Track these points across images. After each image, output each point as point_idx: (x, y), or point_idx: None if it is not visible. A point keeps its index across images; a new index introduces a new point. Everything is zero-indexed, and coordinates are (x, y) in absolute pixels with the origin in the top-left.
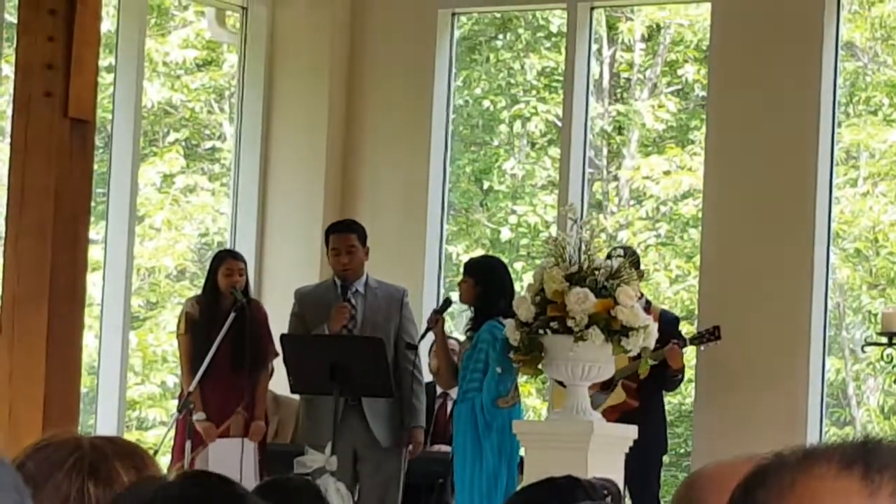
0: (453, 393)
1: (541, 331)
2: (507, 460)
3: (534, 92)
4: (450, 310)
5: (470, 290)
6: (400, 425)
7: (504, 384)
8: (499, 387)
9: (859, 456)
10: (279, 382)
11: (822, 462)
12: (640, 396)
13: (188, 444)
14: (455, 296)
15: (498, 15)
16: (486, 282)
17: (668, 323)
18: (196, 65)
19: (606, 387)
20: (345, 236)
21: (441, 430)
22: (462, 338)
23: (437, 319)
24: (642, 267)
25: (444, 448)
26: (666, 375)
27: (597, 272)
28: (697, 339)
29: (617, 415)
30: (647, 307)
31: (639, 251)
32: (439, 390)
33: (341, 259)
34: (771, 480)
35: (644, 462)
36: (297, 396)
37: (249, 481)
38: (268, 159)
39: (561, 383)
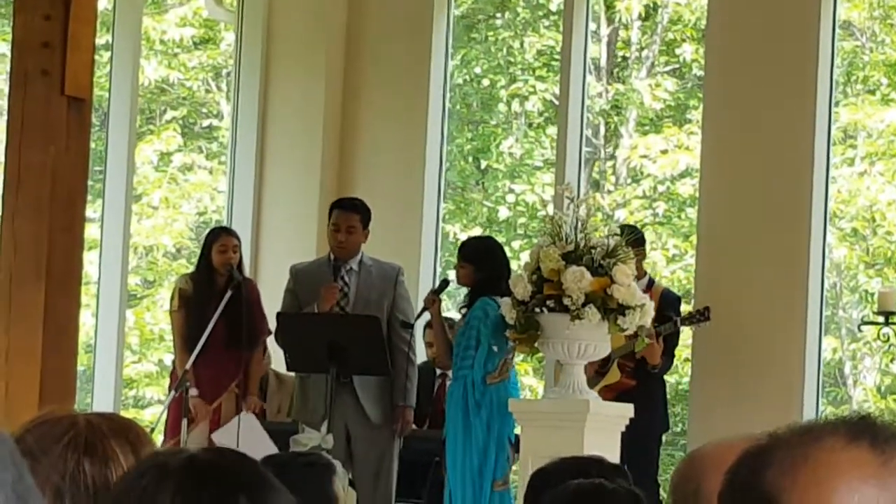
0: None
1: (537, 309)
2: (497, 437)
3: (532, 71)
4: (447, 290)
5: (470, 275)
6: (391, 403)
7: (492, 361)
8: (486, 364)
9: (864, 429)
10: (281, 361)
11: (828, 436)
12: (637, 376)
13: (184, 422)
14: (452, 275)
15: None
16: (487, 267)
17: (669, 302)
18: (193, 43)
19: (603, 366)
20: (348, 215)
21: (441, 412)
22: (458, 316)
23: (433, 300)
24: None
25: None
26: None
27: (593, 251)
28: (688, 321)
29: (613, 394)
30: (651, 285)
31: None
32: (438, 371)
33: (338, 236)
34: (779, 458)
35: (642, 441)
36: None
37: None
38: (265, 138)
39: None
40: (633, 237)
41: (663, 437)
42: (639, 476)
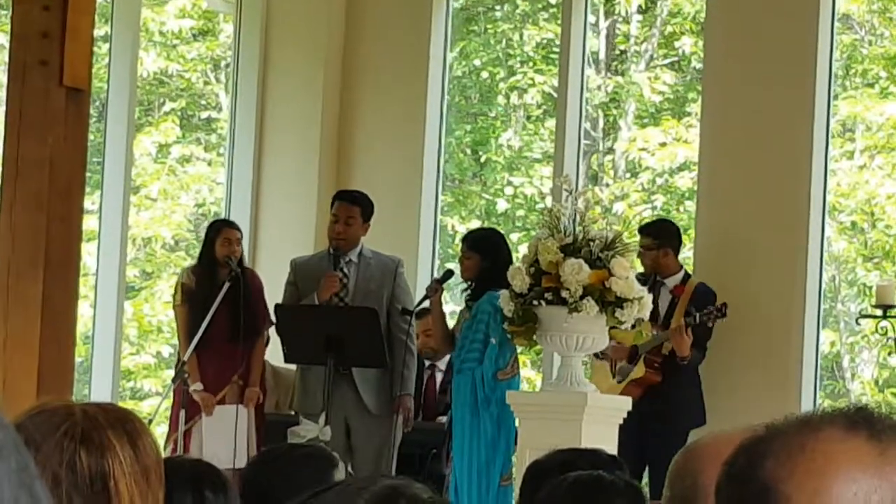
0: (441, 364)
1: (535, 302)
2: (506, 432)
3: (531, 63)
4: (448, 282)
5: (475, 266)
6: (390, 393)
7: (503, 357)
8: (498, 360)
9: (862, 419)
10: (277, 355)
11: (826, 426)
12: (666, 371)
13: (182, 414)
14: (453, 266)
15: None
16: (492, 258)
17: (700, 296)
18: (192, 34)
19: (631, 360)
20: (348, 206)
21: (431, 403)
22: (457, 308)
23: (436, 289)
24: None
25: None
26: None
27: (592, 243)
28: (705, 315)
29: (641, 389)
30: (686, 279)
31: (634, 223)
32: (427, 363)
33: (337, 227)
34: (777, 448)
35: (668, 436)
36: (294, 368)
37: (243, 449)
38: (263, 129)
39: (597, 356)
40: (673, 229)
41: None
42: (660, 471)
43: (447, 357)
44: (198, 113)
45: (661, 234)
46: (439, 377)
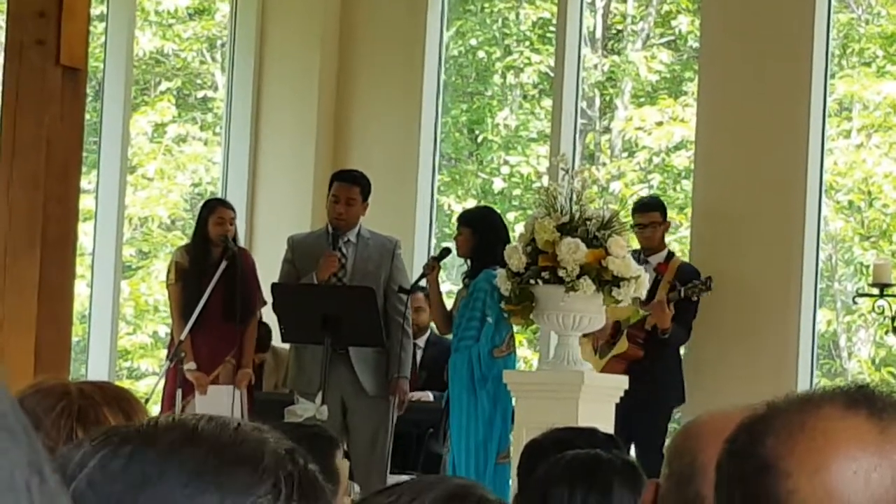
0: (420, 342)
1: (532, 281)
2: (503, 409)
3: (527, 43)
4: (445, 260)
5: (467, 241)
6: (386, 374)
7: (500, 334)
8: (494, 338)
9: (862, 397)
10: (276, 335)
11: (826, 404)
12: (649, 347)
13: (179, 393)
14: (450, 245)
15: None
16: (484, 232)
17: (685, 274)
18: (188, 14)
19: (614, 335)
20: (348, 187)
21: (413, 380)
22: (453, 287)
23: (433, 266)
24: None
25: (416, 394)
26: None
27: (588, 222)
28: (691, 289)
29: (624, 364)
30: (670, 258)
31: (631, 202)
32: None
33: (338, 208)
34: (778, 426)
35: (651, 412)
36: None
37: None
38: (259, 109)
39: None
40: (641, 205)
41: (675, 410)
42: (645, 447)
43: (426, 335)
44: (194, 92)
45: (662, 208)
46: (419, 354)
